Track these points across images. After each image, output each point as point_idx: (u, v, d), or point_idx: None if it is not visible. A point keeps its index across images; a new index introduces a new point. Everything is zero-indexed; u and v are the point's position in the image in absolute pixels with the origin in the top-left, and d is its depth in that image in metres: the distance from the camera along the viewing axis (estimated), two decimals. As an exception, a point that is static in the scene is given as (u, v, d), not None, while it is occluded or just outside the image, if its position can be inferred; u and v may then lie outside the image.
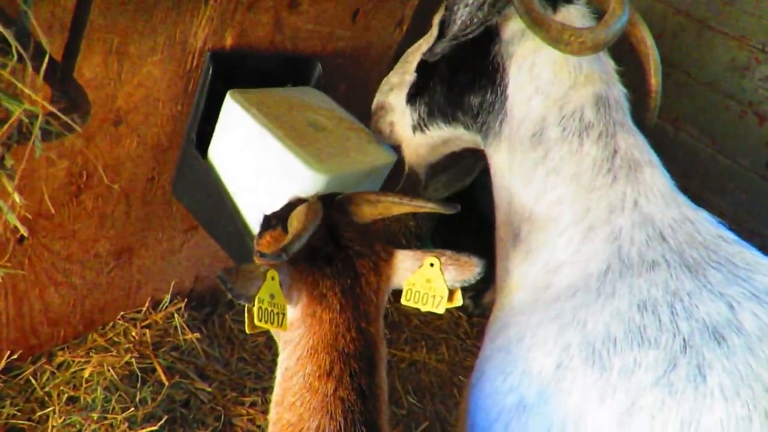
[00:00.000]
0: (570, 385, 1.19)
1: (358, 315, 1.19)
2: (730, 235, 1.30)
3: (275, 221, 1.32)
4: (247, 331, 1.09)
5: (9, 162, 0.81)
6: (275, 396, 1.21)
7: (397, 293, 1.31)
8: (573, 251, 1.32)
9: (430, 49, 1.48)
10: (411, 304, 1.23)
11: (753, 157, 2.82)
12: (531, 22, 1.28)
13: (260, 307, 1.05)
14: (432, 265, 1.21)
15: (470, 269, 1.21)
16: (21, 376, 1.98)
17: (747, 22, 2.72)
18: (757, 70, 2.77)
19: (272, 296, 1.07)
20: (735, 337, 1.11)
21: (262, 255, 1.04)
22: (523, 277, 1.40)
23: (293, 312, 1.18)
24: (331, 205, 1.27)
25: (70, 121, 0.87)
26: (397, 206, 1.26)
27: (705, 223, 1.31)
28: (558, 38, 1.27)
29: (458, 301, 1.23)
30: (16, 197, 0.84)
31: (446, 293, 1.21)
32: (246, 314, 1.08)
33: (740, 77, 2.82)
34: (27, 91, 0.77)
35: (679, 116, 3.01)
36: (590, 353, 1.19)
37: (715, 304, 1.15)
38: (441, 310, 1.22)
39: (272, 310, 1.08)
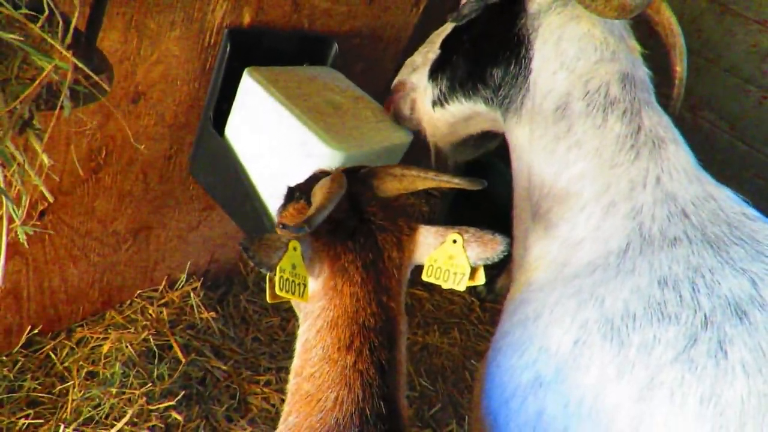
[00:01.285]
0: (588, 362, 1.19)
1: (380, 289, 1.19)
2: (754, 212, 1.29)
3: (299, 193, 1.31)
4: (268, 300, 1.09)
5: (37, 124, 0.82)
6: (294, 367, 1.21)
7: (417, 271, 1.30)
8: (593, 227, 1.31)
9: (458, 11, 1.47)
10: (432, 280, 1.22)
11: (772, 144, 2.78)
12: None
13: (281, 277, 1.05)
14: (455, 241, 1.20)
15: (494, 247, 1.19)
16: (41, 351, 2.01)
17: (770, 6, 2.67)
18: (778, 55, 2.72)
19: (294, 266, 1.07)
20: (758, 314, 1.10)
21: (284, 227, 1.04)
22: (542, 253, 1.40)
23: (314, 284, 1.18)
24: (354, 179, 1.26)
25: (99, 81, 0.87)
26: (422, 181, 1.24)
27: (728, 200, 1.30)
28: None
29: (480, 279, 1.21)
30: (45, 158, 0.85)
31: (468, 270, 1.19)
32: (267, 283, 1.08)
33: (761, 62, 2.77)
34: (58, 46, 0.78)
35: (697, 102, 2.96)
36: (609, 329, 1.19)
37: (738, 280, 1.14)
38: (462, 288, 1.21)
39: (294, 281, 1.08)
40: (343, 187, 1.16)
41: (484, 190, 1.20)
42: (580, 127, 1.37)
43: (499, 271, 3.00)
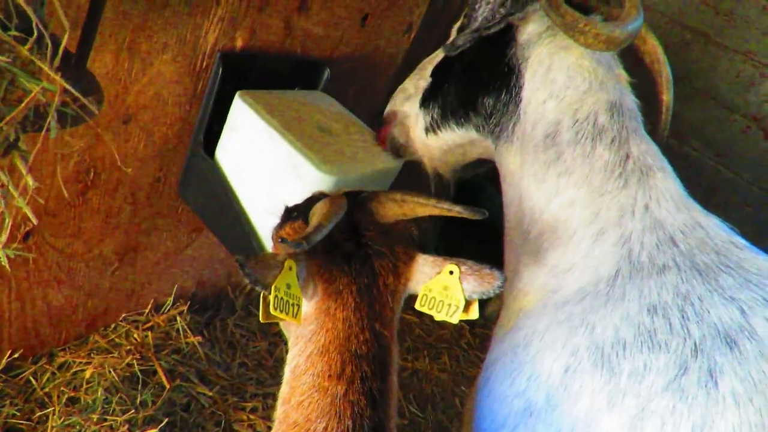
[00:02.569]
0: (579, 390, 1.18)
1: (373, 316, 1.17)
2: (742, 241, 1.30)
3: (297, 213, 1.30)
4: (261, 320, 1.07)
5: (23, 146, 0.81)
6: (282, 394, 1.18)
7: (408, 297, 1.29)
8: (583, 254, 1.31)
9: (452, 42, 1.49)
10: (425, 310, 1.20)
11: (757, 171, 2.82)
12: (548, 5, 1.28)
13: (276, 296, 1.03)
14: (451, 272, 1.18)
15: (490, 281, 1.17)
16: (21, 376, 1.96)
17: (752, 37, 2.74)
18: (762, 85, 2.78)
19: (288, 286, 1.06)
20: (747, 343, 1.09)
21: (282, 240, 1.02)
22: (532, 279, 1.39)
23: (308, 306, 1.17)
24: (354, 202, 1.25)
25: (87, 103, 0.86)
26: (423, 207, 1.23)
27: (716, 229, 1.31)
28: (573, 25, 1.28)
29: (474, 313, 1.19)
30: (29, 180, 0.84)
31: (462, 303, 1.17)
32: (261, 303, 1.06)
33: (745, 91, 2.82)
34: (46, 69, 0.77)
35: (684, 130, 3.01)
36: (599, 357, 1.18)
37: (727, 309, 1.14)
38: (455, 320, 1.18)
39: (288, 300, 1.06)
40: (343, 209, 1.15)
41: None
42: (569, 155, 1.38)
43: (490, 295, 2.98)
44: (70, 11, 1.31)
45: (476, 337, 2.97)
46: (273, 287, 1.03)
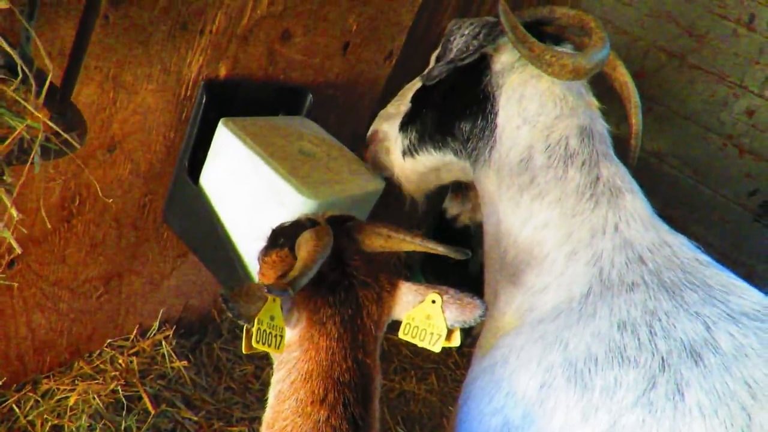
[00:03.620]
0: (554, 406, 1.21)
1: (356, 346, 1.19)
2: (706, 258, 1.34)
3: (283, 240, 1.31)
4: (244, 351, 1.09)
5: (8, 178, 0.83)
6: (266, 418, 1.20)
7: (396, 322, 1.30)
8: (557, 274, 1.35)
9: (428, 72, 1.55)
10: (408, 338, 1.22)
11: (734, 187, 2.89)
12: (516, 39, 1.34)
13: (259, 329, 1.05)
14: (434, 301, 1.20)
15: (472, 311, 1.19)
16: (5, 404, 1.95)
17: (725, 59, 2.83)
18: (735, 104, 2.86)
19: (272, 318, 1.07)
20: (711, 356, 1.13)
21: (269, 290, 1.03)
22: (510, 300, 1.43)
23: (291, 333, 1.18)
24: (339, 230, 1.27)
25: (70, 138, 0.90)
26: (409, 244, 1.25)
27: (682, 247, 1.35)
28: (540, 57, 1.34)
29: (456, 341, 1.21)
30: (14, 212, 0.87)
31: (444, 332, 1.20)
32: (244, 335, 1.08)
33: (719, 111, 2.91)
34: (29, 108, 0.80)
35: (662, 149, 3.09)
36: (572, 373, 1.21)
37: (692, 324, 1.18)
38: (437, 349, 1.21)
39: (271, 332, 1.07)
40: (329, 247, 1.16)
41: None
42: (542, 178, 1.43)
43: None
44: (56, 44, 1.35)
45: (464, 357, 2.98)
46: (256, 320, 1.05)
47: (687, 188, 3.03)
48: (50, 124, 0.85)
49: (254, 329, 1.04)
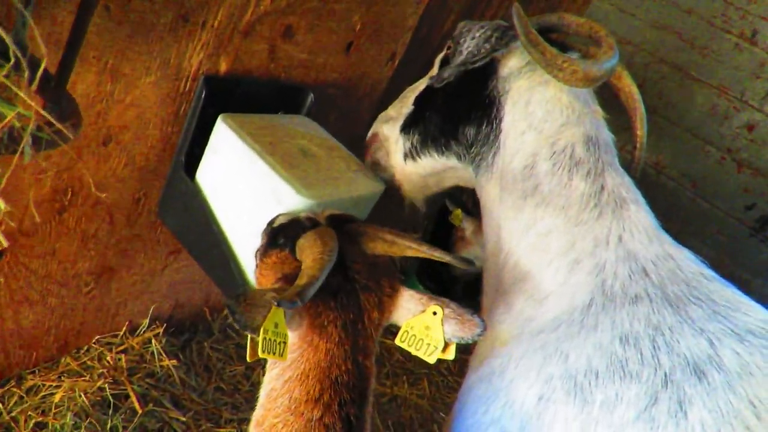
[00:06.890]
0: (552, 418, 1.18)
1: (357, 349, 1.18)
2: (711, 273, 1.32)
3: (283, 240, 1.29)
4: (248, 359, 1.06)
5: (-4, 168, 0.81)
6: (256, 417, 1.18)
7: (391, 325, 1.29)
8: (559, 283, 1.33)
9: (438, 75, 1.53)
10: (404, 346, 1.21)
11: (732, 201, 2.89)
12: (529, 43, 1.32)
13: (265, 338, 1.02)
14: (435, 314, 1.20)
15: (471, 328, 1.18)
16: (-13, 400, 1.91)
17: (726, 73, 2.83)
18: (735, 118, 2.86)
19: (276, 325, 1.05)
20: (716, 374, 1.11)
21: (279, 303, 1.00)
22: (508, 308, 1.40)
23: (291, 335, 1.16)
24: (341, 232, 1.25)
25: (63, 129, 0.86)
26: (413, 251, 1.24)
27: (686, 261, 1.33)
28: (552, 62, 1.32)
29: (451, 354, 1.21)
30: (1, 203, 0.83)
31: (441, 345, 1.19)
32: (249, 343, 1.05)
33: (719, 125, 2.91)
34: (21, 94, 0.77)
35: (661, 160, 3.08)
36: (572, 386, 1.19)
37: (696, 340, 1.16)
38: (432, 360, 1.20)
39: (275, 340, 1.05)
40: (335, 254, 1.14)
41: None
42: (546, 185, 1.41)
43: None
44: (53, 32, 1.32)
45: (456, 363, 2.95)
46: (262, 330, 1.02)
47: (685, 200, 3.03)
48: (43, 112, 0.82)
49: (260, 339, 1.01)
